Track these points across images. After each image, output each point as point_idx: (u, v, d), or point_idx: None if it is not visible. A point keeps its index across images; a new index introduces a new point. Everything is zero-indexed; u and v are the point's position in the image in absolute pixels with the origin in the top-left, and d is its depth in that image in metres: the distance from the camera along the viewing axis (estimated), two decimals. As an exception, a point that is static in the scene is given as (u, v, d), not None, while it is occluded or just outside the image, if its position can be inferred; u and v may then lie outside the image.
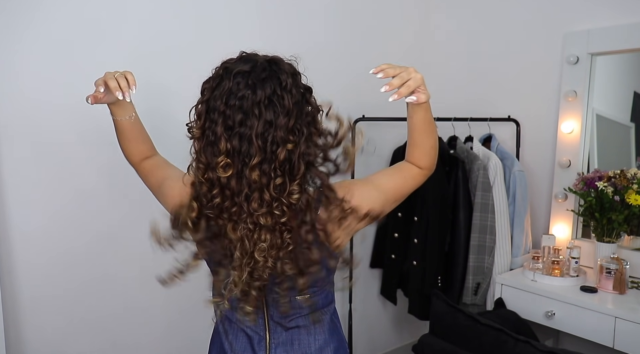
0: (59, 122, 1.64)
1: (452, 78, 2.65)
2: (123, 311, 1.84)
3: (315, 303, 1.03)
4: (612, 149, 2.20)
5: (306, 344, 1.03)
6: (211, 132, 0.89)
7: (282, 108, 0.88)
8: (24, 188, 1.60)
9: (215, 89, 0.90)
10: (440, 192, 2.16)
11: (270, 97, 0.88)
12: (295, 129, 0.89)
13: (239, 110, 0.87)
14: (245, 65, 0.90)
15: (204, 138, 0.91)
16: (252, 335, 1.04)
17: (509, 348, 1.53)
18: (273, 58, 0.93)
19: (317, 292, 1.03)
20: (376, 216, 1.00)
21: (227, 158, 0.88)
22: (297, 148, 0.90)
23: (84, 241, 1.73)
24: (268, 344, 1.03)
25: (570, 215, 2.13)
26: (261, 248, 0.90)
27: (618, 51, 2.05)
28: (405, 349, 2.73)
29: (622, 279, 1.80)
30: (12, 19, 1.52)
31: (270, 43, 0.96)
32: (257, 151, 0.87)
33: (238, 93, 0.88)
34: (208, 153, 0.90)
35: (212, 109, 0.90)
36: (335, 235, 0.97)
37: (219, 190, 0.90)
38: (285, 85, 0.89)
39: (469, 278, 2.13)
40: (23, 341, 1.64)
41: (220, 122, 0.88)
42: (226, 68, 0.91)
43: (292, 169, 0.90)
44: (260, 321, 1.03)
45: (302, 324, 1.04)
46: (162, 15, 1.82)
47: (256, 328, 1.03)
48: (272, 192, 0.88)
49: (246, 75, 0.89)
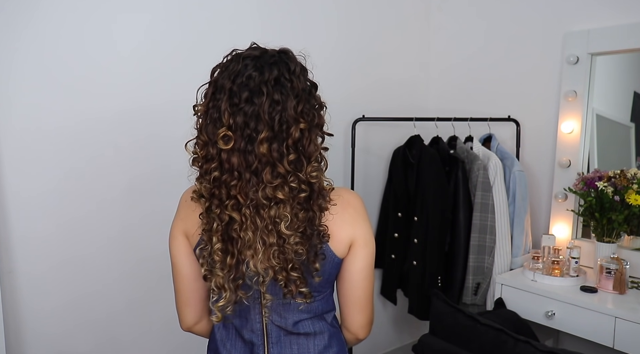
0: (59, 123, 1.64)
1: (452, 78, 2.66)
2: (123, 311, 1.84)
3: (315, 308, 1.02)
4: (612, 149, 2.20)
5: (305, 349, 1.01)
6: (215, 109, 0.87)
7: (292, 90, 0.87)
8: (24, 188, 1.60)
9: (223, 71, 0.90)
10: (440, 192, 2.16)
11: (277, 78, 0.87)
12: (304, 113, 0.88)
13: (245, 88, 0.86)
14: (254, 51, 0.90)
15: (207, 116, 0.89)
16: (251, 341, 1.01)
17: (509, 348, 1.53)
18: (283, 48, 0.93)
19: (317, 297, 1.02)
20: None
21: (229, 131, 0.86)
22: (310, 132, 0.89)
23: (84, 242, 1.73)
24: (267, 350, 1.01)
25: (570, 215, 2.13)
26: (286, 221, 0.87)
27: (618, 51, 2.05)
28: (405, 349, 2.73)
29: (622, 279, 1.80)
30: (11, 18, 1.52)
31: (270, 43, 0.96)
32: (265, 126, 0.85)
33: (245, 73, 0.87)
34: (209, 130, 0.88)
35: (218, 88, 0.88)
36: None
37: (218, 163, 0.87)
38: (293, 70, 0.89)
39: (469, 278, 2.13)
40: (23, 341, 1.64)
41: (225, 99, 0.86)
42: (237, 54, 0.91)
43: (305, 149, 0.88)
44: (257, 326, 1.01)
45: (302, 330, 1.01)
46: (162, 15, 1.82)
47: (254, 333, 1.01)
48: (286, 166, 0.87)
49: (255, 59, 0.88)
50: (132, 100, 1.78)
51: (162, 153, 1.86)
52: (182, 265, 1.02)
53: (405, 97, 2.65)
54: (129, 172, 1.80)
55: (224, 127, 0.86)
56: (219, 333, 1.06)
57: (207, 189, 0.90)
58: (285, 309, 1.00)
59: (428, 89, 2.75)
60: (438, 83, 2.73)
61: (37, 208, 1.63)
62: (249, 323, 1.02)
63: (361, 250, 0.98)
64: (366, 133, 2.46)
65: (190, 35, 1.88)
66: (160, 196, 1.85)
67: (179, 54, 1.86)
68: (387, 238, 2.41)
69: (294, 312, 1.00)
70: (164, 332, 1.92)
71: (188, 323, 1.07)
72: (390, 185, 2.43)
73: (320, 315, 1.04)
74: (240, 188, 0.87)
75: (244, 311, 1.01)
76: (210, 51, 2.03)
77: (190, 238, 1.00)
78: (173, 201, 1.10)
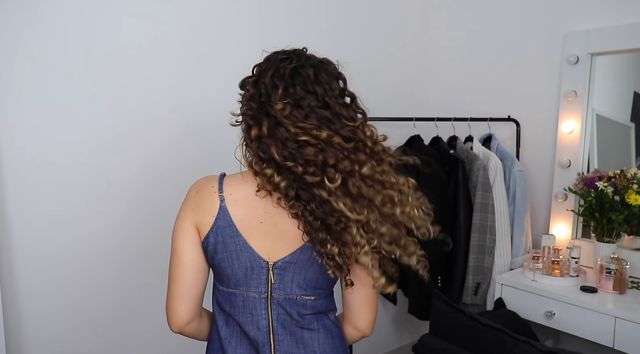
0: (58, 122, 1.64)
1: (452, 78, 2.66)
2: (123, 311, 1.84)
3: (319, 305, 1.03)
4: (612, 149, 2.20)
5: (311, 349, 1.01)
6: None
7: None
8: (25, 188, 1.60)
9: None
10: (440, 192, 2.16)
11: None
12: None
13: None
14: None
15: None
16: (256, 339, 1.01)
17: (509, 348, 1.53)
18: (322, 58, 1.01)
19: (322, 294, 1.03)
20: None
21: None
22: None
23: (85, 243, 1.73)
24: (273, 349, 1.01)
25: (570, 215, 2.13)
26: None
27: (618, 51, 2.05)
28: (405, 349, 2.73)
29: (622, 279, 1.80)
30: (12, 18, 1.52)
31: (270, 44, 0.96)
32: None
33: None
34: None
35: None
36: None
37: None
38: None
39: (469, 278, 2.13)
40: (23, 342, 1.64)
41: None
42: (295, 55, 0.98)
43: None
44: (264, 323, 1.01)
45: (307, 326, 1.02)
46: (161, 15, 1.82)
47: (260, 330, 1.01)
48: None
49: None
50: (132, 98, 1.78)
51: (161, 152, 1.86)
52: (187, 256, 1.00)
53: (405, 97, 2.65)
54: (129, 171, 1.80)
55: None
56: (222, 331, 1.04)
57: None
58: (291, 304, 1.00)
59: (428, 89, 2.75)
60: (438, 83, 2.73)
61: (36, 208, 1.63)
62: (254, 319, 1.01)
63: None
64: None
65: (195, 39, 1.88)
66: (160, 195, 1.85)
67: (182, 57, 1.86)
68: (387, 238, 2.41)
69: (299, 307, 1.01)
70: (165, 331, 1.92)
71: (180, 321, 1.04)
72: (390, 185, 2.42)
73: (324, 313, 1.05)
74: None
75: (248, 306, 1.01)
76: (212, 54, 2.03)
77: (201, 229, 0.99)
78: (172, 199, 1.10)
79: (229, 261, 0.98)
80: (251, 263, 0.98)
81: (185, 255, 1.00)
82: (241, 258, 0.98)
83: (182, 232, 1.00)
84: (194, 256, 1.00)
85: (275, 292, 0.99)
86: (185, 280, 1.01)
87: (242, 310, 1.01)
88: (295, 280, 0.99)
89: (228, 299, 1.02)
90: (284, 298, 1.00)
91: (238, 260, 0.98)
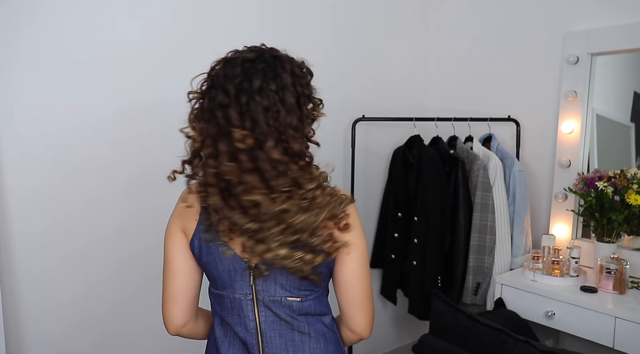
0: (58, 121, 1.64)
1: (452, 78, 2.66)
2: (124, 310, 1.84)
3: (307, 307, 1.02)
4: (612, 149, 2.20)
5: (301, 352, 1.00)
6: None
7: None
8: (25, 188, 1.60)
9: (219, 72, 0.96)
10: (440, 192, 2.16)
11: (261, 88, 0.90)
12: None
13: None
14: (250, 54, 0.93)
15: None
16: (245, 340, 1.01)
17: (509, 348, 1.53)
18: (277, 53, 0.95)
19: (309, 296, 1.02)
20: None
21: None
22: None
23: (85, 243, 1.73)
24: (262, 351, 1.00)
25: (570, 215, 2.13)
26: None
27: (618, 51, 2.05)
28: (405, 349, 2.73)
29: (622, 279, 1.80)
30: (12, 18, 1.52)
31: (270, 45, 0.96)
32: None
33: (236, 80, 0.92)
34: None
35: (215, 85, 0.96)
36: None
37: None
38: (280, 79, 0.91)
39: (469, 278, 2.13)
40: (23, 340, 1.64)
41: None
42: (232, 57, 0.96)
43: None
44: (251, 325, 1.00)
45: (298, 329, 1.01)
46: (161, 14, 1.82)
47: (248, 332, 1.00)
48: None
49: (246, 63, 0.92)
50: (131, 98, 1.78)
51: (160, 151, 1.86)
52: (177, 259, 1.03)
53: (405, 97, 2.64)
54: (128, 170, 1.80)
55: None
56: (217, 331, 1.05)
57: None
58: (276, 306, 1.00)
59: (428, 89, 2.75)
60: (438, 83, 2.73)
61: (36, 208, 1.63)
62: (242, 320, 1.01)
63: (352, 251, 0.99)
64: (366, 133, 2.46)
65: (189, 35, 1.88)
66: (158, 193, 1.85)
67: (178, 54, 1.86)
68: (387, 238, 2.41)
69: (286, 309, 1.00)
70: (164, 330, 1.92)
71: (176, 323, 1.06)
72: (390, 185, 2.43)
73: (316, 316, 1.04)
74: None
75: (236, 308, 1.01)
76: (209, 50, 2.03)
77: (187, 233, 1.02)
78: (171, 198, 1.11)
79: (214, 263, 1.00)
80: (234, 265, 0.99)
81: (174, 259, 1.03)
82: (224, 260, 0.99)
83: (171, 237, 1.03)
84: (183, 259, 1.03)
85: (259, 294, 1.00)
86: (176, 284, 1.04)
87: (231, 312, 1.02)
88: (278, 281, 0.99)
89: (219, 301, 1.04)
90: (269, 299, 1.00)
91: (221, 263, 0.99)
